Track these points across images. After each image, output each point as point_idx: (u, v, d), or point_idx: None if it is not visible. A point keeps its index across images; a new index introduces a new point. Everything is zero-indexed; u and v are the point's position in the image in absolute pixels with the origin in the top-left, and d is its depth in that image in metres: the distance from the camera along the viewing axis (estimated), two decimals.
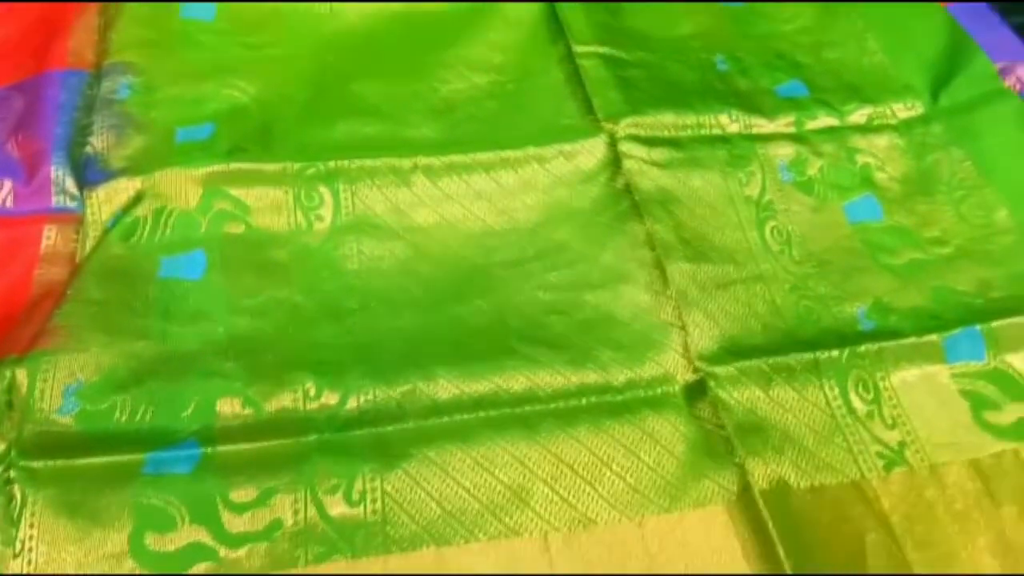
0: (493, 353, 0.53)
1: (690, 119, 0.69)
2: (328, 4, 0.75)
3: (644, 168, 0.64)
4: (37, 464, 0.45)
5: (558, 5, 0.77)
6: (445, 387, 0.51)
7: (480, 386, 0.52)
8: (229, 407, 0.49)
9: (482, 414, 0.50)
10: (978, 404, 0.53)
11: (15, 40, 0.70)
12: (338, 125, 0.66)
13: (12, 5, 0.73)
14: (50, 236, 0.57)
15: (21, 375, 0.48)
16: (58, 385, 0.48)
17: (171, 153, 0.61)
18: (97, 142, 0.62)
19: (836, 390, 0.53)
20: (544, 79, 0.73)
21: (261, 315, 0.54)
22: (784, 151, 0.68)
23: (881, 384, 0.54)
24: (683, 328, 0.55)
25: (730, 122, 0.69)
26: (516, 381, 0.52)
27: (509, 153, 0.64)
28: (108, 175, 0.59)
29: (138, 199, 0.57)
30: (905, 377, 0.54)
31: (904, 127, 0.71)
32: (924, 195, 0.67)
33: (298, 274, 0.57)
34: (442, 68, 0.72)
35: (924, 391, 0.54)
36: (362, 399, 0.50)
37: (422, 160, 0.63)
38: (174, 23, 0.71)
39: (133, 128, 0.63)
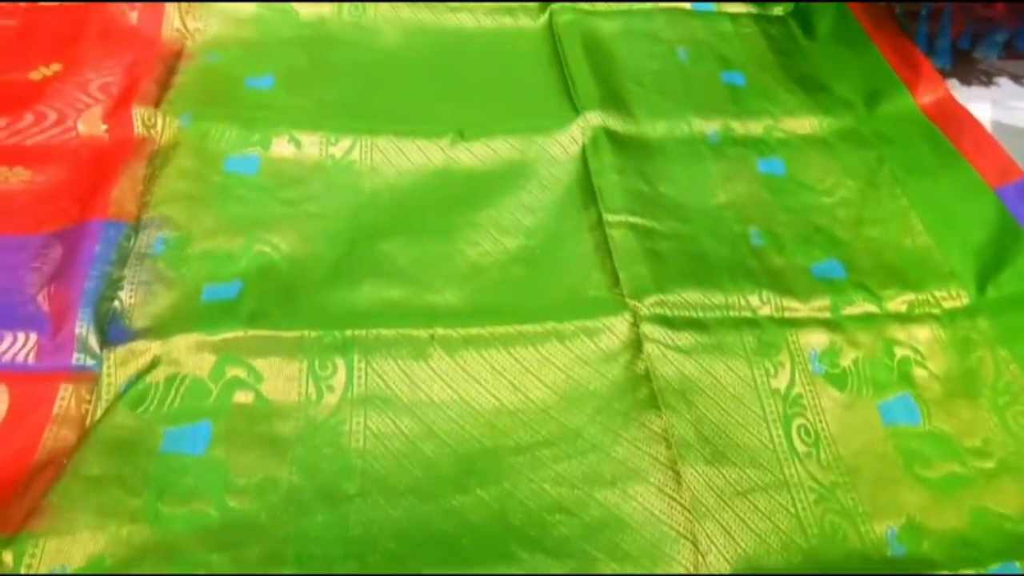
0: (490, 558, 0.51)
1: (718, 298, 0.67)
2: (369, 160, 0.77)
3: (666, 353, 0.62)
4: None
5: (593, 169, 0.77)
6: None
7: None
8: None
9: None
10: None
11: (66, 183, 0.73)
12: (363, 287, 0.67)
13: (69, 148, 0.76)
14: (65, 396, 0.57)
15: (8, 556, 0.47)
16: (44, 569, 0.47)
17: (194, 315, 0.62)
18: (125, 298, 0.63)
19: None
20: (573, 246, 0.72)
21: (257, 496, 0.53)
22: (817, 339, 0.65)
23: None
24: (695, 543, 0.52)
25: (761, 304, 0.67)
26: None
27: (529, 327, 0.63)
28: (129, 335, 0.60)
29: (153, 364, 0.58)
30: None
31: (947, 318, 0.68)
32: (966, 398, 0.63)
33: (301, 451, 0.56)
34: (472, 229, 0.73)
35: None
36: None
37: (440, 331, 0.63)
38: (216, 176, 0.73)
39: (162, 285, 0.64)
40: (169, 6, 0.90)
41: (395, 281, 0.67)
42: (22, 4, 0.91)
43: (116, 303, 0.63)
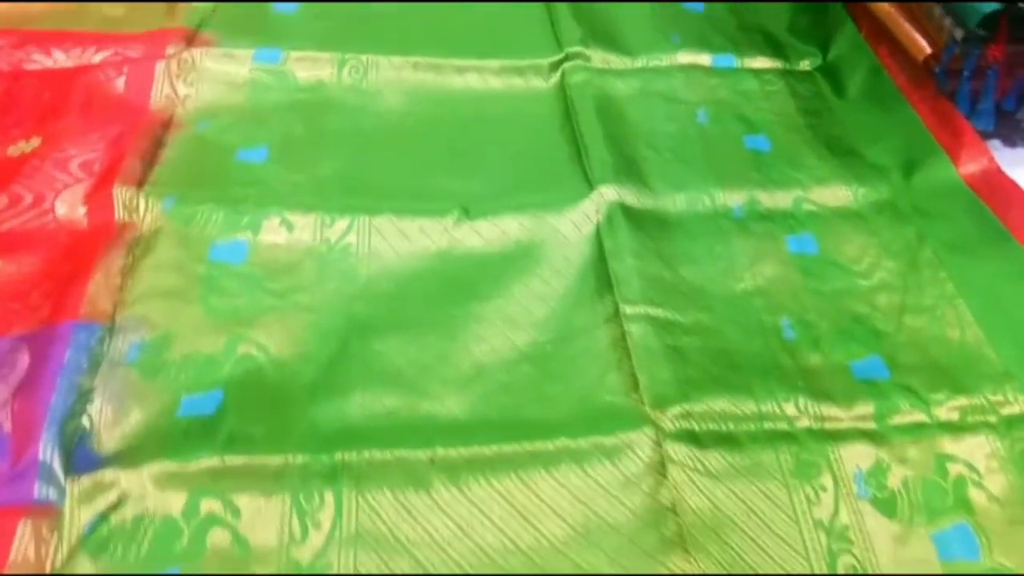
0: None
1: (750, 407, 0.61)
2: (367, 244, 0.71)
3: (694, 479, 0.56)
4: None
5: (609, 252, 0.71)
6: None
7: None
8: None
9: None
10: None
11: (39, 275, 0.67)
12: (355, 395, 0.61)
13: (46, 233, 0.71)
14: (23, 536, 0.51)
15: None
16: None
17: (168, 436, 0.56)
18: (95, 414, 0.58)
19: None
20: (587, 341, 0.66)
21: None
22: (862, 456, 0.59)
23: None
24: None
25: (797, 413, 0.61)
26: None
27: (540, 445, 0.57)
28: (97, 462, 0.54)
29: (120, 502, 0.52)
30: None
31: (1004, 427, 0.61)
32: None
33: None
34: (478, 323, 0.67)
35: None
36: None
37: (441, 452, 0.56)
38: (200, 267, 0.68)
39: (135, 398, 0.59)
40: (159, 70, 0.85)
41: (391, 387, 0.61)
42: (3, 69, 0.87)
43: (85, 420, 0.57)
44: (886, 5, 0.89)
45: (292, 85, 0.87)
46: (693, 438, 0.58)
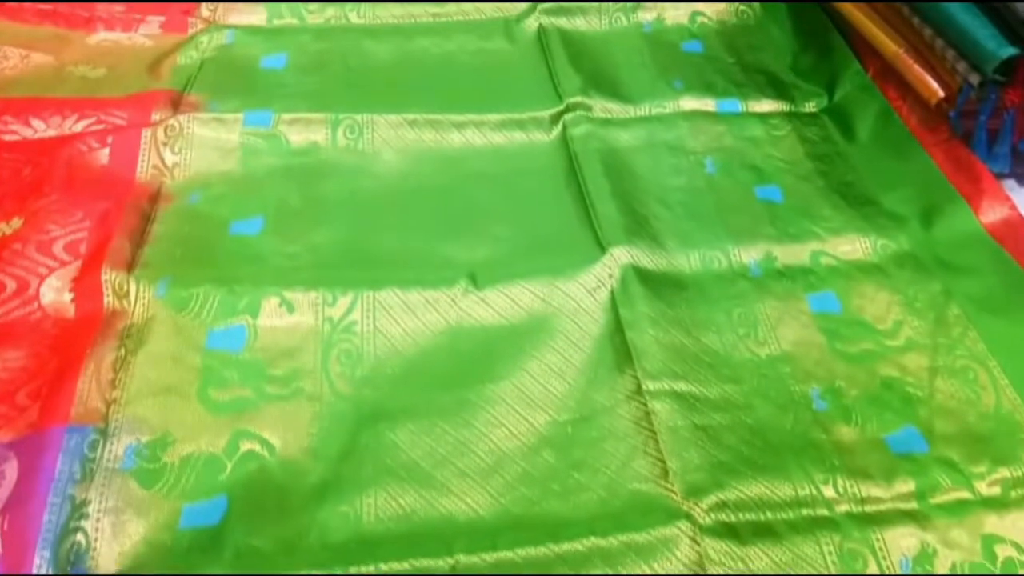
0: None
1: (787, 492, 0.57)
2: (372, 322, 0.68)
3: None
4: None
5: (626, 321, 0.68)
6: None
7: None
8: None
9: None
10: None
11: (26, 373, 0.63)
12: (368, 495, 0.57)
13: (30, 324, 0.67)
14: None
15: None
16: None
17: (171, 553, 0.52)
18: (91, 529, 0.54)
19: None
20: (609, 421, 0.63)
21: None
22: (906, 542, 0.56)
23: None
24: None
25: (836, 496, 0.58)
26: None
27: (568, 547, 0.54)
28: None
29: None
30: None
31: None
32: None
33: None
34: (493, 405, 0.63)
35: None
36: None
37: (463, 559, 0.53)
38: (197, 358, 0.64)
39: (134, 510, 0.55)
40: (145, 138, 0.81)
41: (406, 484, 0.58)
42: None
43: (80, 536, 0.53)
44: (893, 46, 0.86)
45: (285, 149, 0.83)
46: (731, 532, 0.55)
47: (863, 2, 0.92)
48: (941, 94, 0.81)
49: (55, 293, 0.68)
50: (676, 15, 1.07)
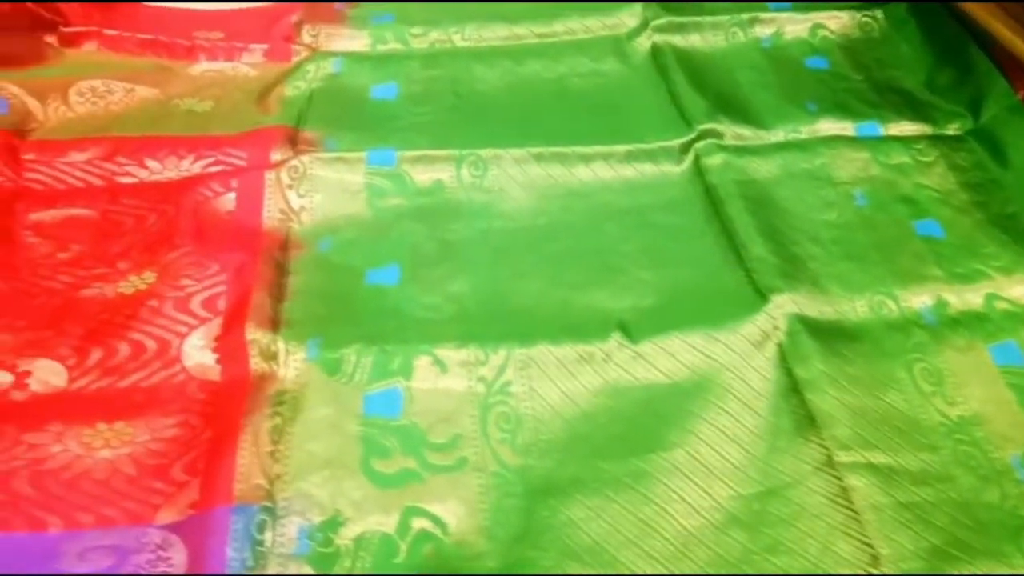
0: None
1: None
2: (527, 384, 0.64)
3: None
4: None
5: (802, 381, 0.63)
6: None
7: None
8: None
9: None
10: None
11: (179, 444, 0.60)
12: None
13: (174, 387, 0.64)
14: None
15: None
16: None
17: None
18: None
19: None
20: (800, 497, 0.58)
21: None
22: None
23: None
24: None
25: None
26: None
27: None
28: None
29: None
30: None
31: None
32: None
33: None
34: (669, 476, 0.60)
35: None
36: None
37: None
38: (355, 426, 0.61)
39: None
40: (269, 180, 0.78)
41: (588, 569, 0.54)
42: (97, 185, 0.80)
43: None
44: None
45: (411, 189, 0.80)
46: None
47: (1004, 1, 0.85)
48: None
49: (197, 355, 0.65)
50: (795, 29, 1.01)
